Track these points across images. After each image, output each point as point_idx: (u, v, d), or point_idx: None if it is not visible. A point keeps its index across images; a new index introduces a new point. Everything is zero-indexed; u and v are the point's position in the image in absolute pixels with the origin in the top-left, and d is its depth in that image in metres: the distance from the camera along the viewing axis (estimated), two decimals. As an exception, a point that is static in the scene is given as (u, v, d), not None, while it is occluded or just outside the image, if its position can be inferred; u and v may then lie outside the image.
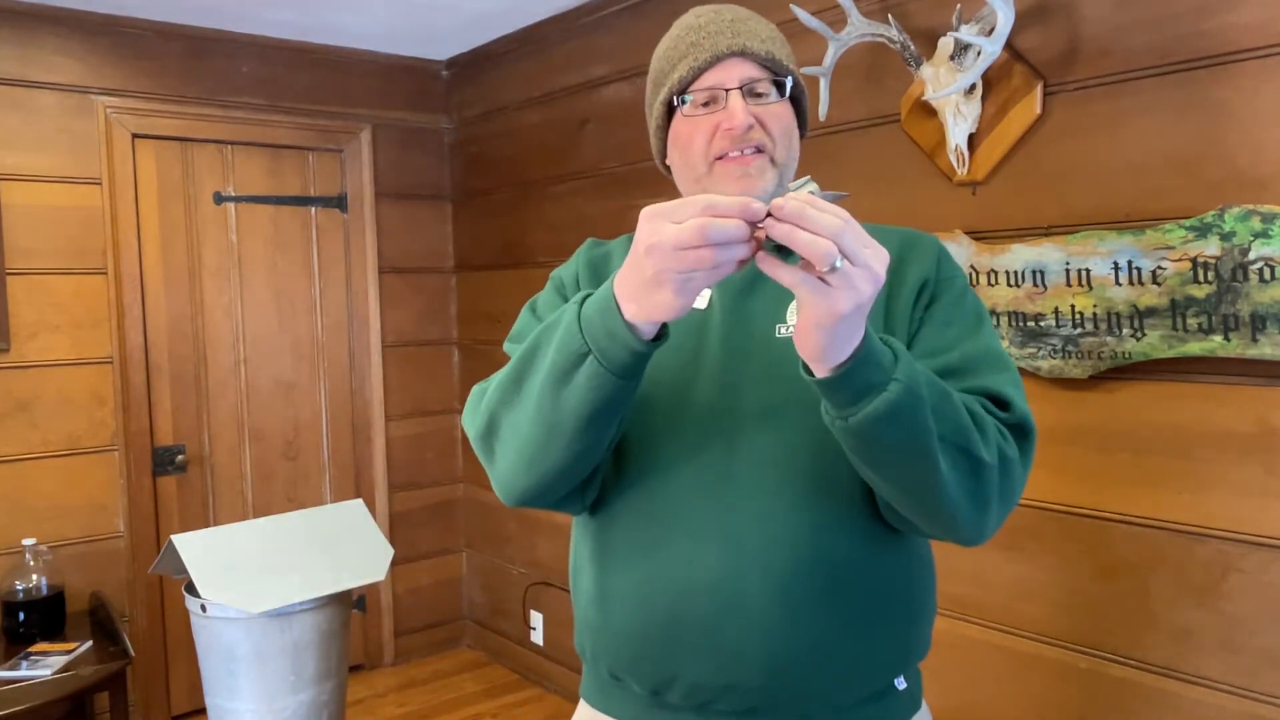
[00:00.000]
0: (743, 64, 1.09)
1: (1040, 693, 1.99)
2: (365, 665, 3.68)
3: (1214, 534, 1.72)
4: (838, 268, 0.79)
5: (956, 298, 1.12)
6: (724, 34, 1.10)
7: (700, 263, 0.83)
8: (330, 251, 3.56)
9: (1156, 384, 1.77)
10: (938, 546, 2.19)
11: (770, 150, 1.09)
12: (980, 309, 1.14)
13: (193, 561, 2.19)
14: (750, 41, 1.10)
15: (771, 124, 1.09)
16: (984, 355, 1.08)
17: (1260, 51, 1.61)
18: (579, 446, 1.00)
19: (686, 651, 1.06)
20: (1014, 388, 1.06)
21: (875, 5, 2.16)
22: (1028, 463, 1.05)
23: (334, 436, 3.60)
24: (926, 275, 1.12)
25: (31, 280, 2.91)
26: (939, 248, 1.16)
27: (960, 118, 1.97)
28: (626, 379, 0.94)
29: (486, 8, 3.08)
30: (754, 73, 1.09)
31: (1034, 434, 1.06)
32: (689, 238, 0.82)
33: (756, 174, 1.08)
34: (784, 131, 1.11)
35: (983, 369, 1.06)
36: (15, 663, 2.46)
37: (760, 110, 1.09)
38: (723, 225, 0.81)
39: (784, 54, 1.13)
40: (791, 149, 1.12)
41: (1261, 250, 1.56)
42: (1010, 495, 1.03)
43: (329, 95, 3.48)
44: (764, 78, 1.10)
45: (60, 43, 2.94)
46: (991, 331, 1.12)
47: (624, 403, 0.98)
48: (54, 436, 2.96)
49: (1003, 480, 1.00)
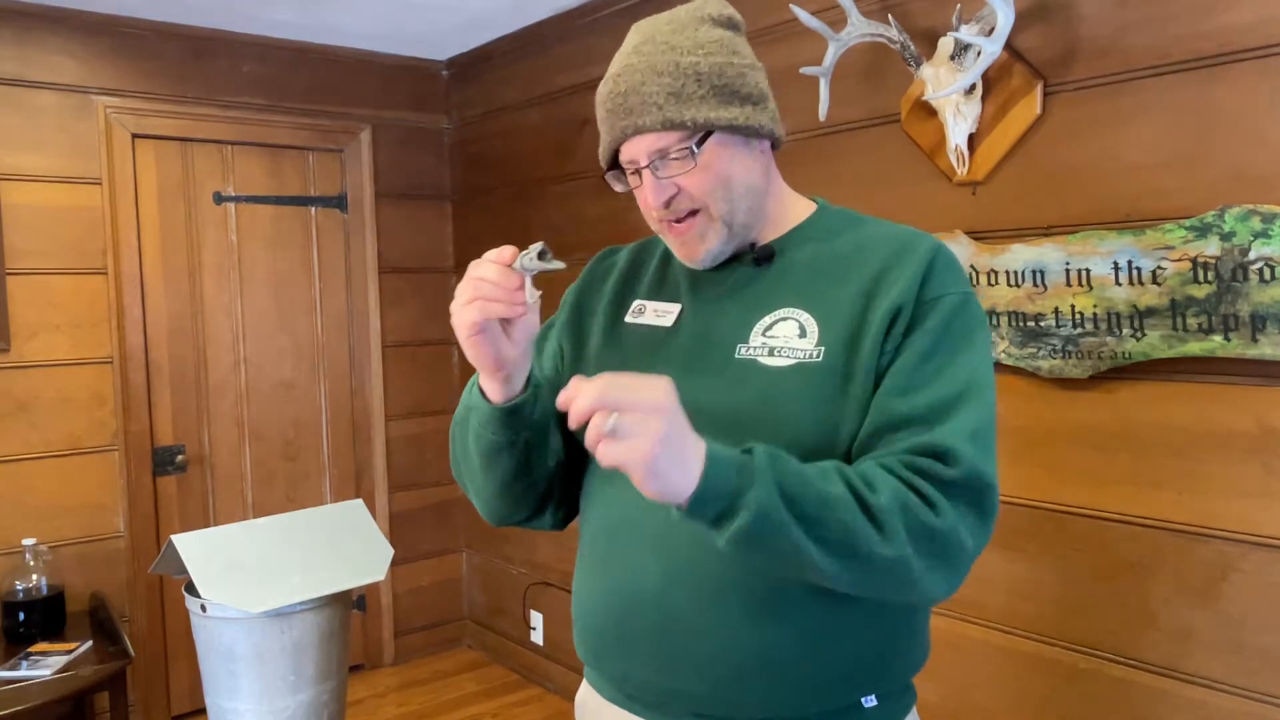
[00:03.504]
0: (644, 139, 1.08)
1: (1040, 693, 1.99)
2: (365, 665, 3.68)
3: (1214, 534, 1.72)
4: (615, 426, 0.86)
5: (941, 322, 1.04)
6: (619, 113, 1.09)
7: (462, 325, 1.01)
8: (330, 251, 3.56)
9: (1156, 384, 1.77)
10: (938, 546, 2.18)
11: (706, 208, 1.10)
12: (971, 329, 1.06)
13: (193, 561, 2.19)
14: (644, 116, 1.07)
15: (692, 187, 1.09)
16: (949, 401, 1.00)
17: (1259, 51, 1.61)
18: (497, 480, 1.15)
19: (638, 656, 1.11)
20: (968, 439, 0.98)
21: (875, 5, 2.16)
22: (974, 519, 0.98)
23: (334, 436, 3.60)
24: (902, 300, 1.04)
25: (31, 280, 2.91)
26: (929, 260, 1.07)
27: (960, 118, 1.97)
28: (497, 433, 1.10)
29: (486, 8, 3.08)
30: (659, 143, 1.08)
31: (986, 488, 0.98)
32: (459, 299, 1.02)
33: (696, 239, 1.12)
34: (713, 188, 1.09)
35: (942, 417, 0.99)
36: (15, 663, 2.46)
37: (680, 178, 1.08)
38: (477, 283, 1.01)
39: (691, 107, 1.06)
40: (730, 196, 1.10)
41: (1261, 250, 1.56)
42: (953, 561, 0.97)
43: (329, 95, 3.48)
44: (673, 143, 1.07)
45: (60, 43, 2.94)
46: (978, 358, 1.05)
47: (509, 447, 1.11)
48: (54, 436, 2.96)
49: (931, 556, 0.95)
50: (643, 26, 1.14)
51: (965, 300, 1.07)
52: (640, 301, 1.23)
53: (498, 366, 1.05)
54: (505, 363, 1.05)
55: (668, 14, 1.14)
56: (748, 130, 1.10)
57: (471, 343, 1.03)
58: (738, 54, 1.11)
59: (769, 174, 1.16)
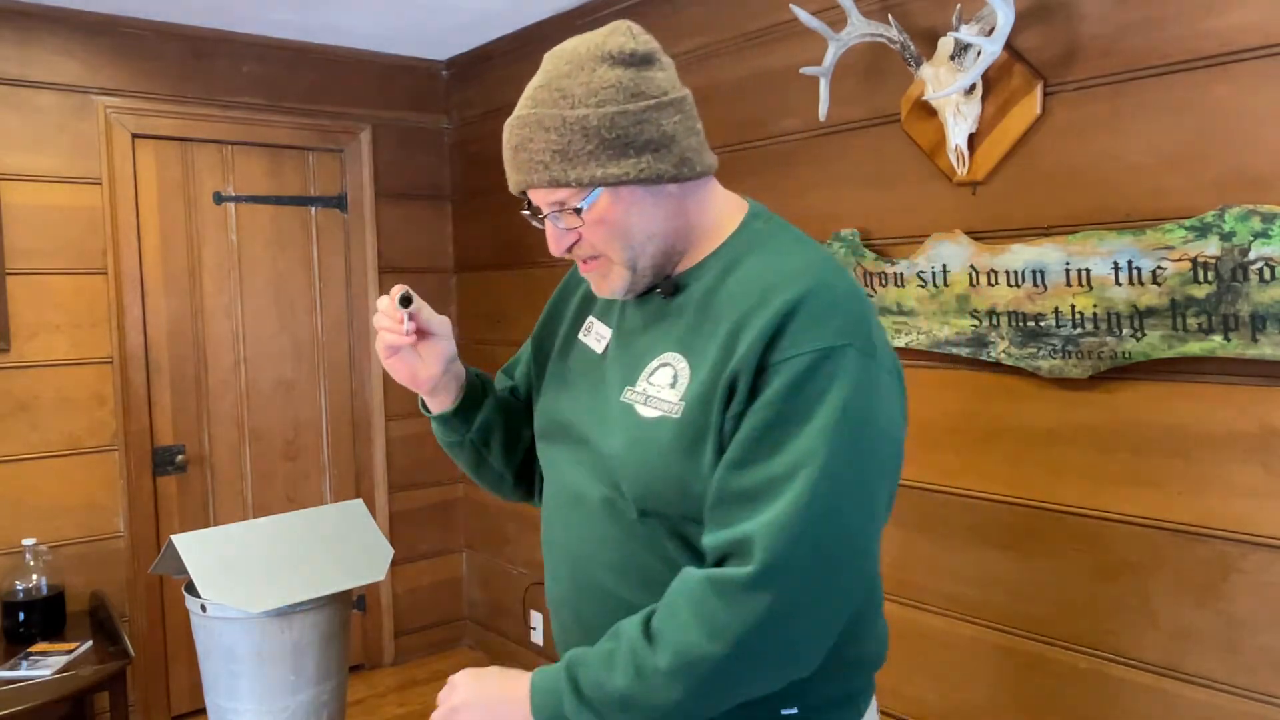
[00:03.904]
0: (539, 193, 1.10)
1: (1040, 693, 1.99)
2: (365, 665, 3.68)
3: (1214, 534, 1.72)
4: None
5: (783, 391, 0.97)
6: (511, 168, 1.11)
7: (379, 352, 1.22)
8: (330, 251, 3.56)
9: (1156, 384, 1.77)
10: (931, 543, 2.20)
11: (604, 255, 1.11)
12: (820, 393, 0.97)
13: (193, 561, 2.19)
14: (531, 174, 1.08)
15: (590, 236, 1.10)
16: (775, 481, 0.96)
17: (1259, 51, 1.61)
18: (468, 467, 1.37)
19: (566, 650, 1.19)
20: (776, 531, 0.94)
21: (875, 5, 2.16)
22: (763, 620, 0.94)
23: (334, 436, 3.60)
24: (740, 366, 0.99)
25: (31, 280, 2.91)
26: (781, 316, 0.99)
27: (960, 118, 1.97)
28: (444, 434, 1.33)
29: (486, 8, 3.08)
30: (552, 197, 1.09)
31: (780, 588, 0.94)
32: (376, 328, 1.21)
33: (600, 279, 1.15)
34: (609, 237, 1.09)
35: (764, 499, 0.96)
36: (15, 663, 2.46)
37: (579, 227, 1.10)
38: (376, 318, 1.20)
39: (578, 164, 1.04)
40: (629, 243, 1.09)
41: (1261, 250, 1.56)
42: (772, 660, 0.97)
43: (329, 95, 3.48)
44: (565, 197, 1.08)
45: (60, 43, 2.94)
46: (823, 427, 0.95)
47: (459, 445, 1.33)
48: (54, 436, 2.96)
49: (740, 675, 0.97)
50: (548, 61, 1.11)
51: (819, 361, 0.97)
52: (591, 319, 1.26)
53: (416, 384, 1.25)
54: (424, 380, 1.24)
55: (573, 46, 1.11)
56: (642, 182, 1.06)
57: (388, 365, 1.23)
58: (638, 96, 1.06)
59: (682, 211, 1.12)
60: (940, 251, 2.03)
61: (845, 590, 0.99)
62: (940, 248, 2.03)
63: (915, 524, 2.20)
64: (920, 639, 2.20)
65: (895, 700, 2.26)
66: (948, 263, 2.02)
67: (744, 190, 1.17)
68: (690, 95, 1.13)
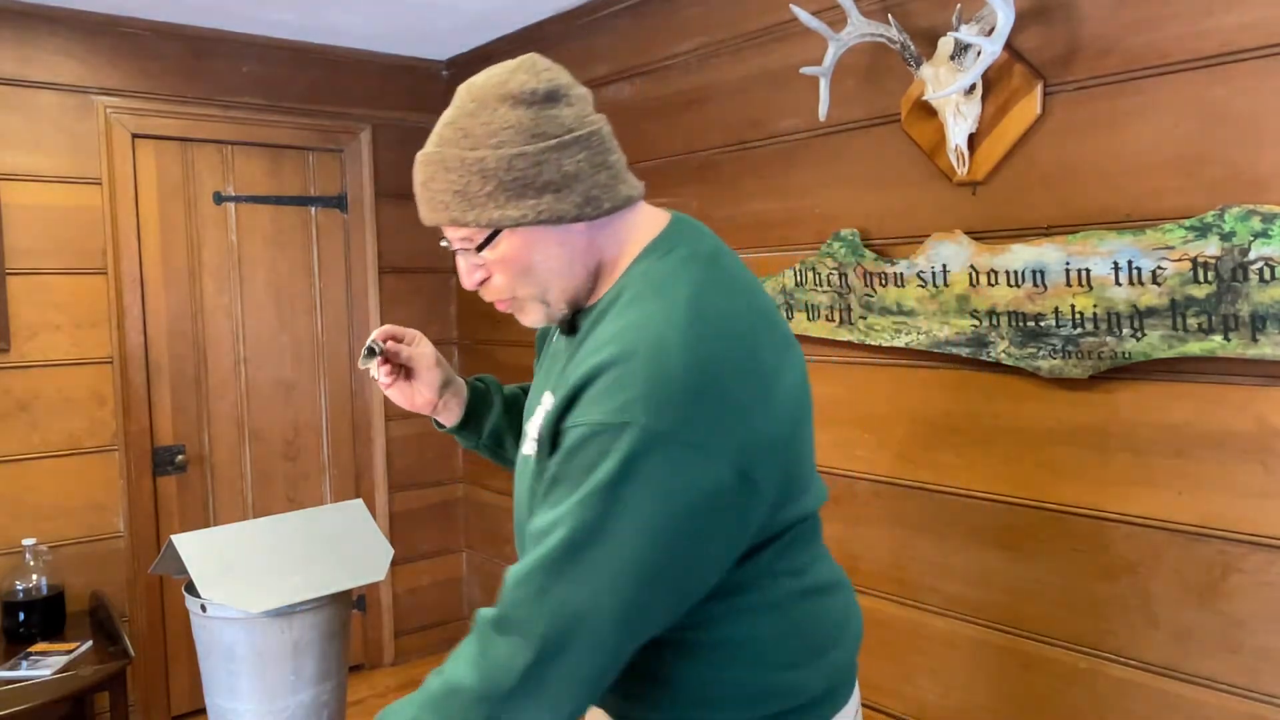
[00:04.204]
0: (447, 229, 1.12)
1: (1040, 693, 1.99)
2: (365, 665, 3.68)
3: (1214, 534, 1.72)
4: None
5: (564, 454, 0.99)
6: (419, 202, 1.14)
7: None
8: (330, 251, 3.56)
9: (1156, 384, 1.77)
10: (931, 543, 2.20)
11: (514, 291, 1.13)
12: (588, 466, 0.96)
13: (193, 561, 2.19)
14: (434, 213, 1.11)
15: (497, 273, 1.12)
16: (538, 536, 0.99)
17: (1260, 51, 1.61)
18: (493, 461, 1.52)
19: None
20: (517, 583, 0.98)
21: (875, 5, 2.16)
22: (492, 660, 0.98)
23: (334, 436, 3.60)
24: (547, 424, 1.06)
25: (31, 280, 2.91)
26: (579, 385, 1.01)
27: (960, 118, 1.97)
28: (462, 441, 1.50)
29: (486, 8, 3.08)
30: (457, 234, 1.11)
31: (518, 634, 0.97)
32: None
33: (518, 313, 1.18)
34: (513, 275, 1.11)
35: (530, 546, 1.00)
36: (15, 663, 2.46)
37: (486, 262, 1.12)
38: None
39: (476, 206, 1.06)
40: (533, 280, 1.11)
41: (1261, 250, 1.56)
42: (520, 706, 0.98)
43: (329, 95, 3.48)
44: (468, 236, 1.11)
45: (60, 43, 2.94)
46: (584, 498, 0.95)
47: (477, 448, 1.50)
48: (54, 436, 2.96)
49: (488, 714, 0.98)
50: (458, 96, 1.12)
51: (591, 435, 0.97)
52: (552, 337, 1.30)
53: (415, 409, 1.42)
54: (422, 405, 1.41)
55: (481, 82, 1.10)
56: (543, 223, 1.07)
57: (389, 395, 1.41)
58: (538, 137, 1.05)
59: (592, 248, 1.12)
60: (940, 251, 2.03)
61: (585, 653, 0.97)
62: (940, 248, 2.03)
63: (915, 524, 2.20)
64: (920, 639, 2.20)
65: (895, 700, 2.26)
66: (948, 263, 2.02)
67: (744, 191, 1.16)
68: (603, 128, 1.12)
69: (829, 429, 2.35)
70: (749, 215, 2.54)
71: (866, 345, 2.23)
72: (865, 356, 2.27)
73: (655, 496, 0.95)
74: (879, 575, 2.28)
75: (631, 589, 0.96)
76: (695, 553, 0.99)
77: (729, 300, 1.07)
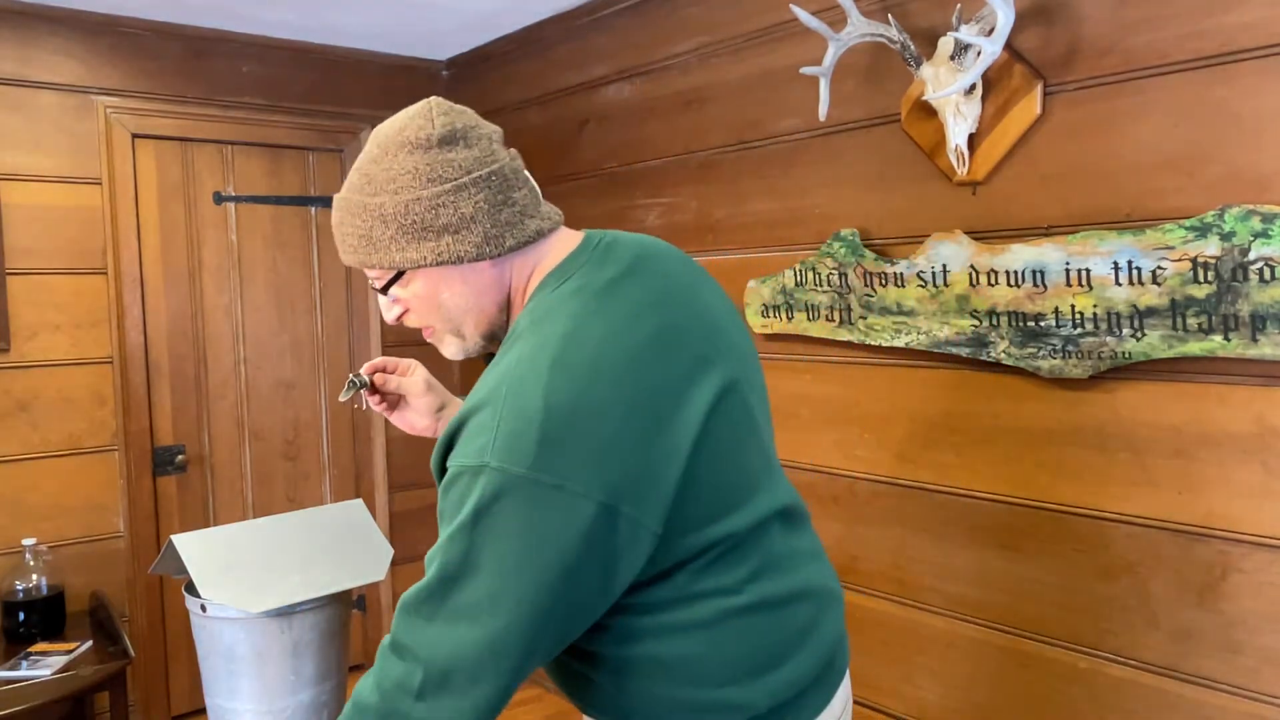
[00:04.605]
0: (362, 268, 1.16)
1: (1040, 693, 1.98)
2: (365, 665, 3.68)
3: (1214, 534, 1.72)
4: None
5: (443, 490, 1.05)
6: (336, 242, 1.18)
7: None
8: (330, 251, 3.56)
9: (1156, 384, 1.77)
10: (931, 543, 2.19)
11: (432, 324, 1.17)
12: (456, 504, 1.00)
13: (193, 561, 2.18)
14: (346, 255, 1.16)
15: (411, 310, 1.17)
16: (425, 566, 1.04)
17: (1260, 51, 1.61)
18: None
19: None
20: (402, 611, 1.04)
21: (875, 5, 2.16)
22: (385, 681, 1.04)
23: (334, 436, 3.60)
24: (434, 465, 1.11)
25: (31, 280, 2.91)
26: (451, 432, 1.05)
27: (960, 118, 1.97)
28: None
29: (486, 8, 3.08)
30: (371, 272, 1.16)
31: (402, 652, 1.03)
32: None
33: (438, 345, 1.22)
34: (425, 312, 1.16)
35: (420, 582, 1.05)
36: (15, 663, 2.46)
37: (399, 303, 1.17)
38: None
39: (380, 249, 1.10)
40: (447, 316, 1.15)
41: (1261, 250, 1.56)
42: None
43: (329, 95, 3.48)
44: (379, 276, 1.15)
45: (60, 43, 2.94)
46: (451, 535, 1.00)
47: None
48: (54, 436, 2.96)
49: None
50: (369, 141, 1.15)
51: (456, 476, 1.01)
52: None
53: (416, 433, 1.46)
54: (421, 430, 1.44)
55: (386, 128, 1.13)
56: (444, 264, 1.10)
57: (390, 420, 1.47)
58: (435, 180, 1.08)
59: (500, 282, 1.15)
60: (940, 251, 2.03)
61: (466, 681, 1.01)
62: (940, 248, 2.03)
63: (915, 524, 2.20)
64: (920, 639, 2.20)
65: (895, 700, 2.26)
66: (948, 263, 2.02)
67: (744, 190, 1.16)
68: (504, 165, 1.13)
69: (829, 429, 2.35)
70: (749, 215, 2.53)
71: (866, 345, 2.23)
72: (865, 356, 2.27)
73: (513, 535, 0.97)
74: (879, 575, 2.28)
75: (502, 622, 0.99)
76: (566, 587, 0.99)
77: (609, 333, 1.06)
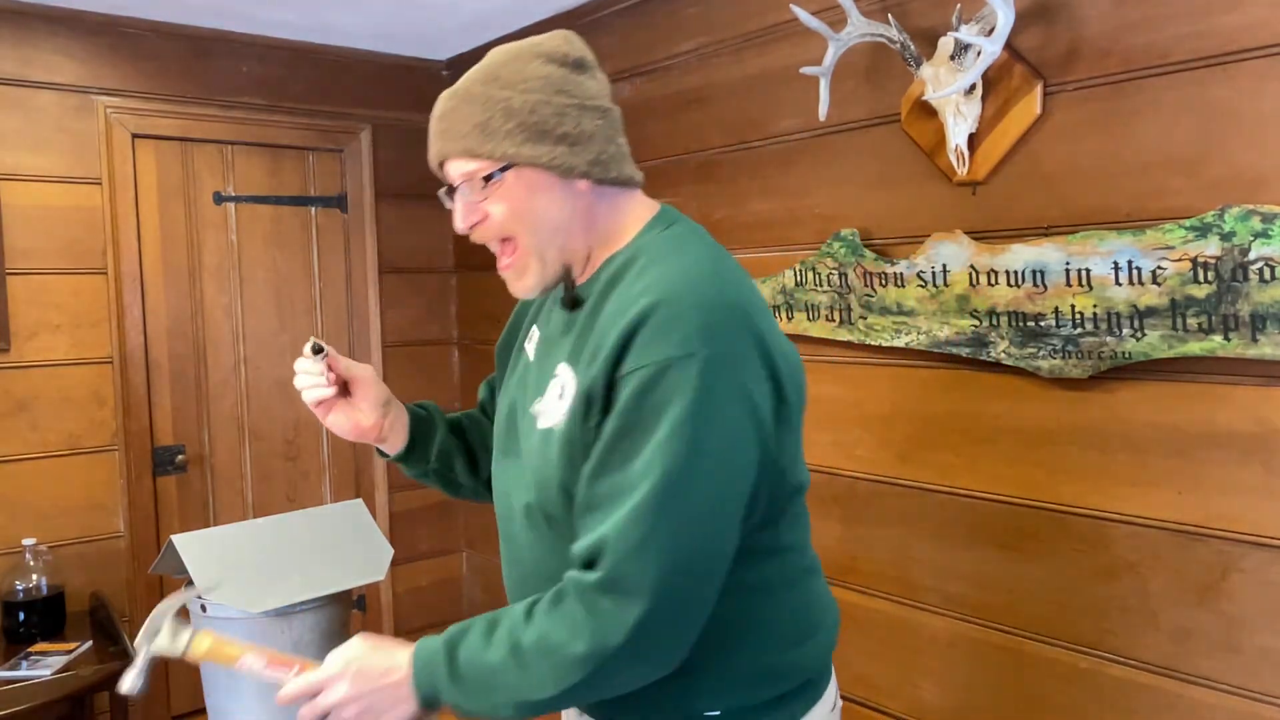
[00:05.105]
0: (455, 163, 1.14)
1: (1040, 693, 1.99)
2: (365, 665, 3.68)
3: (1214, 534, 1.72)
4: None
5: (631, 402, 1.01)
6: (431, 137, 1.17)
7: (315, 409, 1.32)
8: (330, 251, 3.56)
9: (1156, 384, 1.77)
10: (931, 543, 2.19)
11: (513, 239, 1.16)
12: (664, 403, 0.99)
13: (193, 561, 2.19)
14: (448, 143, 1.14)
15: (497, 215, 1.14)
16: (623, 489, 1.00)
17: (1260, 51, 1.61)
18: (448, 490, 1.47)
19: None
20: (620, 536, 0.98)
21: (875, 5, 2.16)
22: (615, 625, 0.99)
23: (334, 436, 3.58)
24: (594, 380, 1.05)
25: (31, 280, 2.91)
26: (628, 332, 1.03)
27: (960, 118, 1.97)
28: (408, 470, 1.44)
29: (486, 8, 3.08)
30: (465, 169, 1.13)
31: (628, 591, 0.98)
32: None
33: (515, 277, 1.19)
34: (514, 218, 1.14)
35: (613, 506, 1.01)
36: (15, 663, 2.46)
37: (484, 204, 1.14)
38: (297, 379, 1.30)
39: (494, 139, 1.10)
40: (536, 229, 1.14)
41: (1261, 250, 1.56)
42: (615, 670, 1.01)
43: (329, 95, 3.48)
44: (477, 172, 1.13)
45: (60, 43, 2.94)
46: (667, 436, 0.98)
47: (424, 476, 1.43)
48: (54, 436, 2.96)
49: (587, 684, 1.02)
50: (490, 54, 1.18)
51: (659, 373, 1.00)
52: (535, 328, 1.31)
53: (363, 435, 1.34)
54: (368, 429, 1.34)
55: (515, 43, 1.18)
56: (553, 169, 1.12)
57: (329, 423, 1.32)
58: (564, 94, 1.13)
59: (591, 213, 1.16)
60: (940, 251, 2.03)
61: (692, 595, 1.02)
62: (940, 248, 2.03)
63: (915, 524, 2.20)
64: (920, 639, 2.20)
65: (895, 700, 2.26)
66: (948, 263, 2.02)
67: (744, 190, 1.17)
68: (619, 113, 1.20)
69: (829, 429, 2.35)
70: (749, 215, 2.53)
71: (866, 345, 2.23)
72: (865, 356, 2.27)
73: (730, 417, 1.01)
74: (879, 575, 2.28)
75: (727, 515, 1.02)
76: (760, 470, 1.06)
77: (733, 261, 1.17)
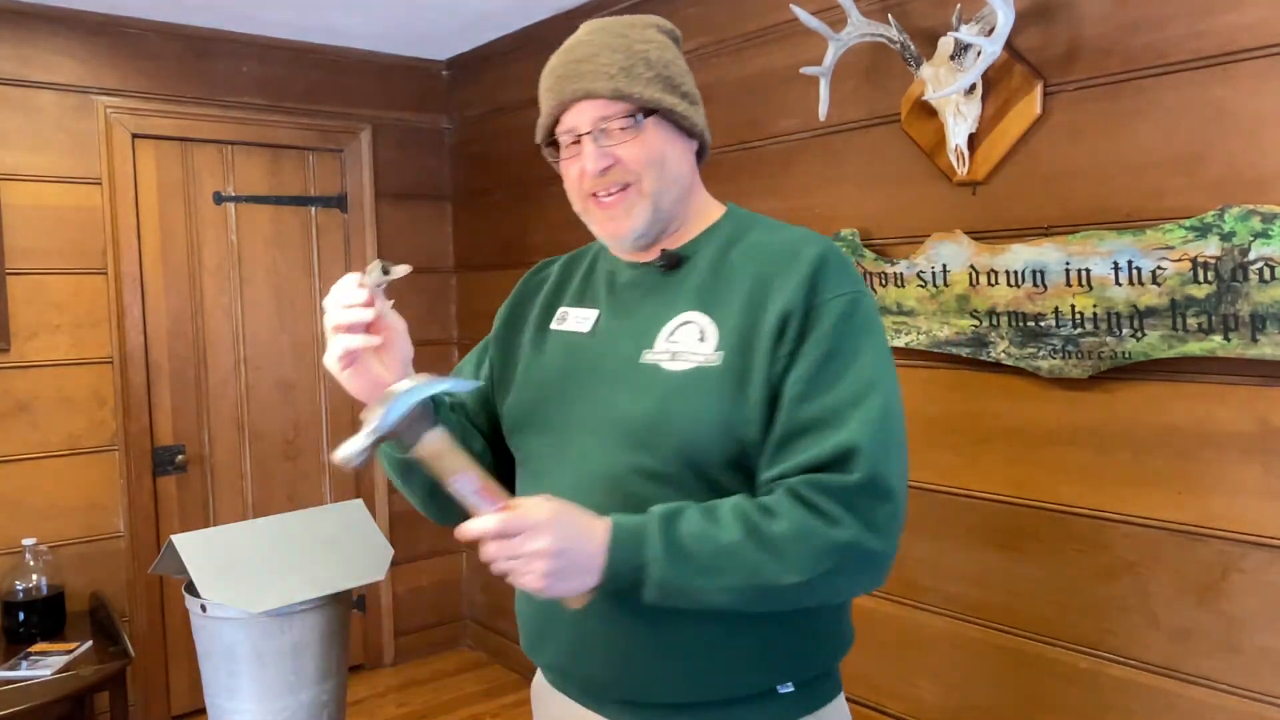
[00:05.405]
0: (592, 105, 1.14)
1: (1040, 693, 1.99)
2: (365, 665, 3.68)
3: (1214, 534, 1.72)
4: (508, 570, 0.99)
5: (834, 326, 1.07)
6: (569, 78, 1.15)
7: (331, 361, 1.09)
8: (330, 251, 3.56)
9: (1156, 384, 1.77)
10: (931, 543, 2.19)
11: (636, 183, 1.16)
12: (864, 328, 1.09)
13: (193, 561, 2.19)
14: (595, 83, 1.13)
15: (630, 160, 1.15)
16: (849, 402, 1.04)
17: (1260, 51, 1.61)
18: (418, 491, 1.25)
19: (558, 645, 1.19)
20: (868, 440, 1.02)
21: (875, 5, 2.16)
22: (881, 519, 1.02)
23: (334, 436, 3.59)
24: (789, 306, 1.08)
25: (31, 280, 2.91)
26: (816, 265, 1.10)
27: (960, 118, 1.97)
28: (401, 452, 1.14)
29: (486, 8, 3.08)
30: (606, 111, 1.14)
31: (888, 489, 1.03)
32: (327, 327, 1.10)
33: (623, 215, 1.17)
34: (648, 162, 1.15)
35: (844, 419, 1.03)
36: (15, 663, 2.46)
37: (618, 148, 1.14)
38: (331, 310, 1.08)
39: (639, 84, 1.13)
40: (663, 176, 1.16)
41: (1261, 250, 1.56)
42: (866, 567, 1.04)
43: (329, 95, 3.48)
44: (617, 114, 1.13)
45: (60, 43, 2.94)
46: (874, 356, 1.08)
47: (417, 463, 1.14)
48: (54, 436, 2.96)
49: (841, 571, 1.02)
50: (593, 23, 1.21)
51: (856, 300, 1.10)
52: (565, 309, 1.30)
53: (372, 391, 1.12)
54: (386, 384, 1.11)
55: (617, 16, 1.22)
56: (686, 122, 1.18)
57: (345, 376, 1.10)
58: (679, 60, 1.21)
59: (693, 178, 1.23)
60: (940, 251, 2.03)
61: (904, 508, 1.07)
62: (940, 248, 2.03)
63: (915, 524, 2.19)
64: (920, 639, 2.20)
65: (895, 700, 2.26)
66: (948, 263, 2.02)
67: (744, 190, 1.18)
68: None
69: (829, 429, 2.35)
70: (749, 215, 2.53)
71: (866, 345, 2.23)
72: (865, 356, 2.26)
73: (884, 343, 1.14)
74: (879, 575, 2.28)
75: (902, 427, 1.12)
76: None
77: None
